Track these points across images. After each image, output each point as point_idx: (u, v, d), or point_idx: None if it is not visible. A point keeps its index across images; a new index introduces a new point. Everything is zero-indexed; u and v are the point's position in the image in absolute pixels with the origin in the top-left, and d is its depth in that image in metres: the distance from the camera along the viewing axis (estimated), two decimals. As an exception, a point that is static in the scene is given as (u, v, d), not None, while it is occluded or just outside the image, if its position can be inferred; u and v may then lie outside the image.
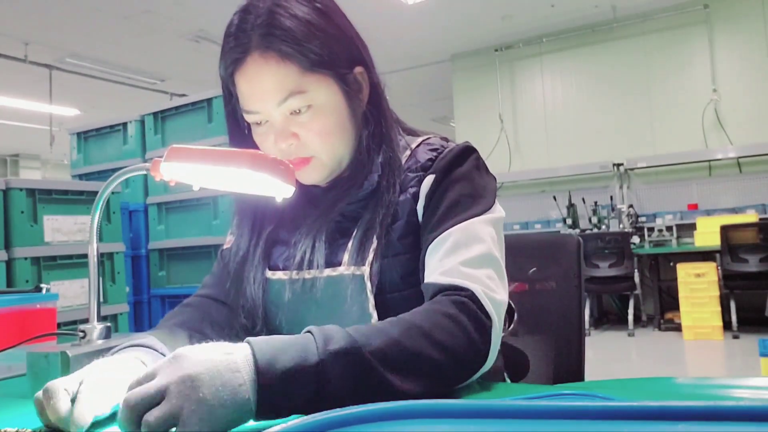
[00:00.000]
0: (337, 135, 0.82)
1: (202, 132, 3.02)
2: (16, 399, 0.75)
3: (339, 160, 0.85)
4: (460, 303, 0.69)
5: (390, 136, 0.87)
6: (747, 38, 5.90)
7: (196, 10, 5.65)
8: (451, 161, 0.83)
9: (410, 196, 0.83)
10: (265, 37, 0.77)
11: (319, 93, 0.79)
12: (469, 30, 6.68)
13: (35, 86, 7.15)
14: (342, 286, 0.81)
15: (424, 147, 0.87)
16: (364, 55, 0.86)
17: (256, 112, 0.80)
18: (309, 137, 0.81)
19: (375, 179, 0.84)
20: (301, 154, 0.82)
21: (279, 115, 0.80)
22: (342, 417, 0.47)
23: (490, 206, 0.81)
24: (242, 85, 0.80)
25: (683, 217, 5.95)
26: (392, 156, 0.85)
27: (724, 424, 0.42)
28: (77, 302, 2.49)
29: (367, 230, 0.82)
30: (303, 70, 0.78)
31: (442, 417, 0.49)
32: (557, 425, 0.46)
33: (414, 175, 0.84)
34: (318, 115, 0.80)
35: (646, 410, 0.44)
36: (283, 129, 0.80)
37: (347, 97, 0.83)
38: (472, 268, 0.73)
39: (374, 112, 0.86)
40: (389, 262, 0.80)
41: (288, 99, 0.78)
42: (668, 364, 4.37)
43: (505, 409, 0.48)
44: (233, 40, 0.79)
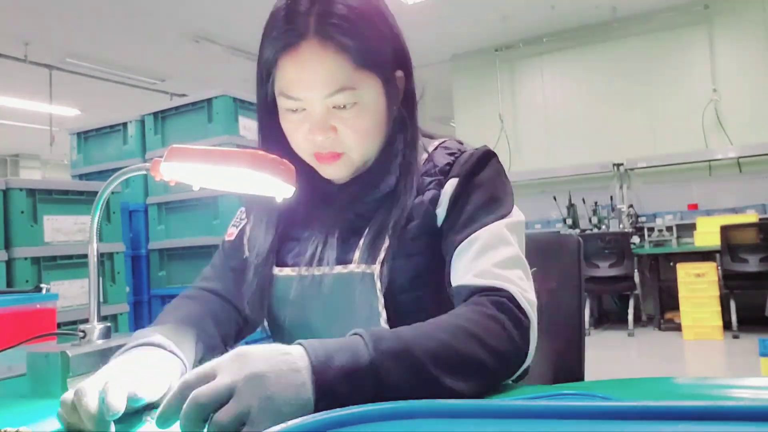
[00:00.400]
0: (373, 136, 0.82)
1: (202, 132, 3.02)
2: (16, 399, 0.75)
3: (366, 160, 0.85)
4: (500, 304, 0.70)
5: (415, 142, 0.87)
6: (747, 38, 5.90)
7: (196, 10, 5.65)
8: (474, 165, 0.83)
9: (427, 199, 0.82)
10: (325, 25, 0.74)
11: (366, 91, 0.78)
12: (469, 30, 6.68)
13: (35, 86, 7.15)
14: (352, 283, 0.81)
15: (442, 151, 0.87)
16: (406, 60, 0.86)
17: (298, 98, 0.78)
18: (347, 134, 0.79)
19: (392, 181, 0.84)
20: (334, 148, 0.80)
21: (321, 107, 0.78)
22: (342, 417, 0.47)
23: (511, 209, 0.82)
24: (290, 70, 0.77)
25: (683, 217, 5.95)
26: (412, 160, 0.85)
27: (724, 424, 0.42)
28: (77, 302, 2.49)
29: (380, 230, 0.81)
30: (356, 66, 0.76)
31: (442, 417, 0.49)
32: (557, 425, 0.46)
33: (432, 179, 0.84)
34: (361, 114, 0.79)
35: (646, 410, 0.44)
36: (323, 121, 0.78)
37: (388, 99, 0.82)
38: (504, 269, 0.74)
39: (404, 119, 0.86)
40: (401, 263, 0.80)
41: (338, 93, 0.76)
42: (668, 364, 4.37)
43: (505, 409, 0.48)
44: (284, 22, 0.76)
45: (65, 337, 0.84)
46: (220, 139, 2.93)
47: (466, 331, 0.65)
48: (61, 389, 0.73)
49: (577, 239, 1.12)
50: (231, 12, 5.72)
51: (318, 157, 0.82)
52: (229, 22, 5.98)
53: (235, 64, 7.16)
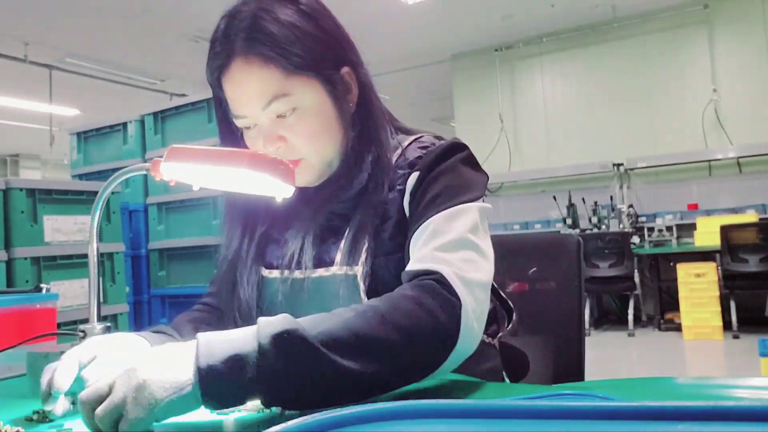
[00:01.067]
0: (325, 136, 0.82)
1: (202, 132, 3.02)
2: (16, 399, 0.75)
3: (328, 162, 0.85)
4: (425, 286, 0.67)
5: (379, 136, 0.86)
6: (747, 38, 5.90)
7: (196, 10, 5.65)
8: (436, 157, 0.82)
9: (398, 193, 0.83)
10: (248, 42, 0.77)
11: (303, 95, 0.79)
12: (469, 30, 6.68)
13: (35, 86, 7.15)
14: (334, 285, 0.81)
15: (415, 145, 0.87)
16: (350, 55, 0.85)
17: (243, 116, 0.81)
18: (296, 140, 0.81)
19: (365, 178, 0.84)
20: (289, 157, 0.81)
21: (265, 119, 0.80)
22: (342, 417, 0.47)
23: (476, 198, 0.79)
24: (228, 90, 0.81)
25: (683, 217, 5.94)
26: (380, 156, 0.84)
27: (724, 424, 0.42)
28: (77, 302, 2.49)
29: (359, 230, 0.81)
30: (286, 72, 0.77)
31: (442, 417, 0.49)
32: (557, 425, 0.46)
33: (402, 172, 0.84)
34: (304, 118, 0.80)
35: (646, 410, 0.44)
36: (270, 133, 0.80)
37: (333, 98, 0.82)
38: (446, 252, 0.72)
39: (363, 113, 0.86)
40: (381, 261, 0.80)
41: (272, 102, 0.78)
42: (668, 364, 4.37)
43: (505, 409, 0.48)
44: (219, 45, 0.80)
45: (65, 337, 0.84)
46: (220, 139, 2.93)
47: (374, 312, 0.63)
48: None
49: (577, 239, 1.12)
50: (231, 12, 5.72)
51: None
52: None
53: (235, 64, 7.16)
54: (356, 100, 0.86)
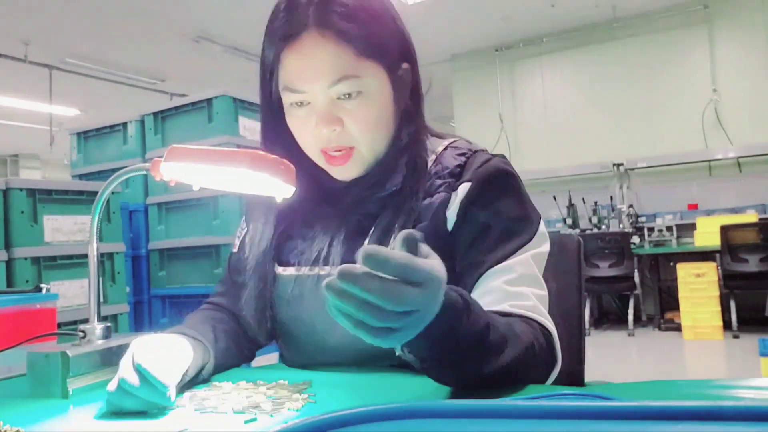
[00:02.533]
0: (381, 127, 0.80)
1: (202, 132, 3.01)
2: (16, 399, 0.75)
3: (376, 155, 0.82)
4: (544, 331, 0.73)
5: (420, 138, 0.84)
6: (747, 38, 5.90)
7: (196, 10, 5.65)
8: (491, 173, 0.80)
9: (437, 202, 0.79)
10: (326, 15, 0.73)
11: (370, 80, 0.77)
12: (469, 30, 6.68)
13: (35, 86, 7.15)
14: None
15: (452, 151, 0.84)
16: (412, 52, 0.84)
17: (301, 91, 0.76)
18: (353, 125, 0.77)
19: (399, 180, 0.81)
20: (341, 142, 0.78)
21: (325, 98, 0.76)
22: (342, 417, 0.47)
23: (536, 226, 0.80)
24: (291, 62, 0.76)
25: (683, 217, 5.94)
26: (418, 159, 0.82)
27: (724, 424, 0.42)
28: (77, 302, 2.49)
29: (386, 230, 0.79)
30: (359, 54, 0.75)
31: (442, 417, 0.49)
32: (557, 425, 0.46)
33: (442, 181, 0.81)
34: (366, 103, 0.77)
35: (646, 410, 0.44)
36: (328, 113, 0.76)
37: (395, 90, 0.80)
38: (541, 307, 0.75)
39: (414, 112, 0.84)
40: None
41: (341, 81, 0.75)
42: (668, 364, 4.37)
43: (505, 409, 0.48)
44: (286, 13, 0.75)
45: (65, 337, 0.84)
46: (220, 139, 2.93)
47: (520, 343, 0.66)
48: (61, 389, 0.73)
49: (577, 239, 1.12)
50: (231, 12, 5.72)
51: (327, 156, 0.80)
52: (229, 22, 5.98)
53: (235, 64, 7.15)
54: (408, 98, 0.84)
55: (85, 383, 0.75)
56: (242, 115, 3.05)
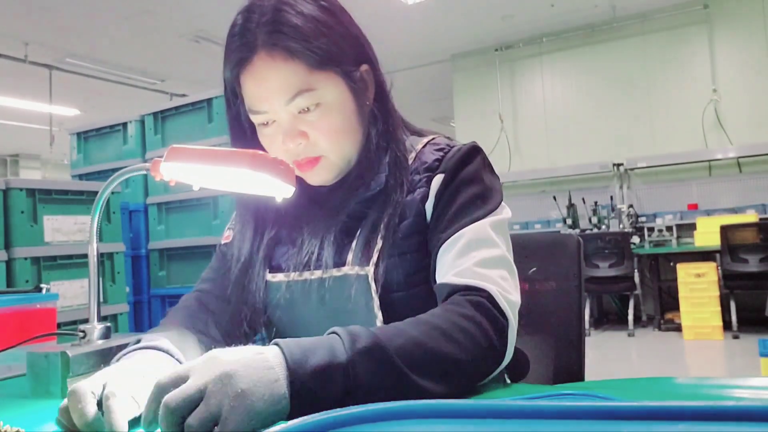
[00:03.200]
0: (346, 133, 0.81)
1: (202, 132, 3.02)
2: (16, 399, 0.75)
3: (348, 160, 0.84)
4: (477, 303, 0.70)
5: (397, 135, 0.86)
6: (747, 38, 5.90)
7: (196, 10, 5.65)
8: (459, 161, 0.82)
9: (418, 197, 0.82)
10: (272, 35, 0.76)
11: (327, 91, 0.78)
12: (469, 30, 6.67)
13: (35, 86, 7.15)
14: (346, 286, 0.80)
15: (430, 147, 0.86)
16: (369, 54, 0.85)
17: (263, 111, 0.79)
18: (317, 136, 0.79)
19: (383, 179, 0.83)
20: (309, 153, 0.80)
21: (287, 114, 0.78)
22: (342, 417, 0.47)
23: (497, 205, 0.81)
24: (249, 85, 0.79)
25: (683, 217, 5.94)
26: (399, 155, 0.84)
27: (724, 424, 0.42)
28: (77, 302, 2.49)
29: (372, 230, 0.81)
30: (311, 67, 0.76)
31: (442, 417, 0.49)
32: (557, 425, 0.46)
33: (421, 176, 0.83)
34: (326, 114, 0.79)
35: (646, 410, 0.44)
36: (291, 128, 0.79)
37: (355, 94, 0.82)
38: (486, 269, 0.74)
39: (381, 111, 0.86)
40: (394, 262, 0.79)
41: (296, 97, 0.77)
42: (668, 364, 4.37)
43: (505, 409, 0.48)
44: (238, 39, 0.78)
45: (65, 337, 0.84)
46: (220, 139, 2.93)
47: (440, 331, 0.65)
48: (61, 389, 0.73)
49: (577, 239, 1.12)
50: (231, 12, 5.68)
51: (297, 165, 0.81)
52: (229, 22, 5.96)
53: (235, 64, 7.15)
54: (372, 98, 0.85)
55: (85, 383, 0.75)
56: (242, 115, 3.05)
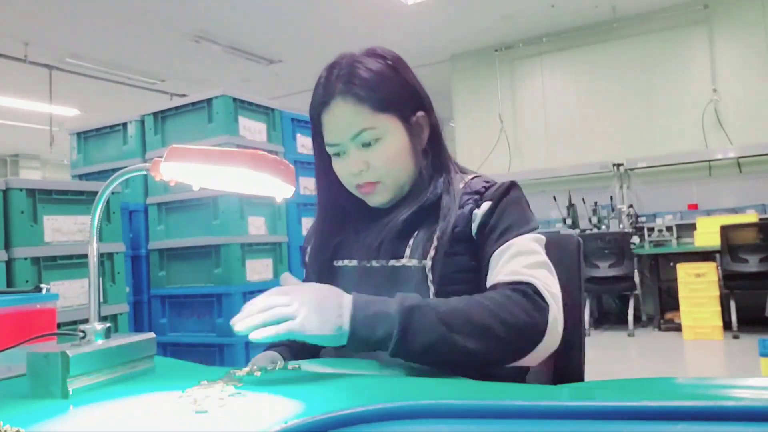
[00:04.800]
0: (400, 164, 1.01)
1: (202, 132, 3.01)
2: (16, 399, 0.75)
3: (401, 186, 1.03)
4: (520, 290, 0.86)
5: (448, 165, 1.05)
6: (747, 38, 5.90)
7: (196, 10, 5.65)
8: (503, 191, 1.00)
9: (467, 212, 0.99)
10: (346, 85, 0.97)
11: (386, 129, 0.98)
12: (469, 30, 6.67)
13: (35, 86, 7.15)
14: (405, 275, 0.97)
15: (478, 180, 1.04)
16: (425, 103, 1.04)
17: (335, 144, 0.99)
18: (377, 164, 0.99)
19: (438, 192, 1.01)
20: (369, 179, 1.00)
21: (353, 147, 0.99)
22: (342, 417, 0.47)
23: (537, 227, 0.99)
24: (327, 123, 1.00)
25: (683, 217, 5.94)
26: (450, 179, 1.03)
27: (724, 424, 0.42)
28: (77, 302, 2.49)
29: (428, 232, 0.98)
30: (374, 110, 0.97)
31: (442, 417, 0.49)
32: (557, 425, 0.46)
33: (469, 197, 1.00)
34: (385, 147, 0.99)
35: (646, 410, 0.44)
36: (356, 157, 0.99)
37: (409, 134, 1.01)
38: (530, 269, 0.90)
39: (434, 148, 1.05)
40: (447, 260, 0.96)
41: (361, 133, 0.97)
42: (668, 364, 4.37)
43: (505, 409, 0.48)
44: (321, 88, 1.00)
45: (65, 337, 0.84)
46: (220, 139, 2.92)
47: (480, 303, 0.83)
48: (61, 389, 0.73)
49: (577, 239, 1.12)
50: (231, 12, 5.72)
51: (359, 188, 1.01)
52: (229, 22, 5.98)
53: (235, 64, 7.16)
54: (427, 138, 1.05)
55: (85, 383, 0.75)
56: (242, 115, 3.04)
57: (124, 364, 0.82)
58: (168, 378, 0.82)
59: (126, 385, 0.78)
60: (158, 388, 0.75)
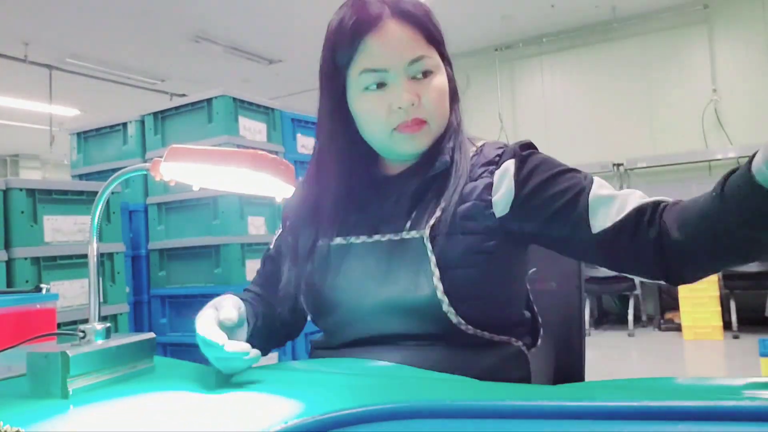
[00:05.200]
0: (445, 106, 0.92)
1: (202, 132, 3.01)
2: (16, 399, 0.75)
3: (441, 131, 0.92)
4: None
5: (462, 127, 0.96)
6: (747, 38, 5.90)
7: (196, 10, 5.65)
8: (523, 147, 0.92)
9: (481, 186, 0.88)
10: (400, 10, 0.87)
11: (437, 65, 0.90)
12: (469, 30, 6.67)
13: (35, 86, 7.15)
14: (404, 247, 0.87)
15: (490, 146, 0.94)
16: (450, 60, 0.97)
17: (383, 69, 0.86)
18: (427, 100, 0.88)
19: (447, 161, 0.90)
20: (419, 115, 0.88)
21: (404, 77, 0.87)
22: (342, 417, 0.47)
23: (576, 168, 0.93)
24: (374, 45, 0.86)
25: (683, 217, 5.93)
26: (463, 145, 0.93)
27: (724, 424, 0.42)
28: (77, 302, 2.49)
29: (433, 202, 0.88)
30: (428, 41, 0.88)
31: (442, 417, 0.49)
32: (557, 425, 0.46)
33: (483, 168, 0.90)
34: (436, 83, 0.89)
35: (646, 410, 0.44)
36: (409, 87, 0.87)
37: (450, 78, 0.94)
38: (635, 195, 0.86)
39: (455, 102, 0.96)
40: (453, 240, 0.85)
41: (419, 60, 0.87)
42: (668, 364, 4.37)
43: (505, 409, 0.48)
44: (368, 8, 0.87)
45: (65, 337, 0.84)
46: (220, 139, 2.92)
47: None
48: (61, 389, 0.73)
49: (577, 239, 1.11)
50: (231, 12, 5.72)
51: (402, 127, 0.88)
52: (229, 22, 5.98)
53: (235, 64, 7.16)
54: None
55: (85, 383, 0.75)
56: (242, 115, 3.04)
57: (124, 364, 0.82)
58: (168, 378, 0.82)
59: (126, 385, 0.78)
60: (158, 388, 0.75)
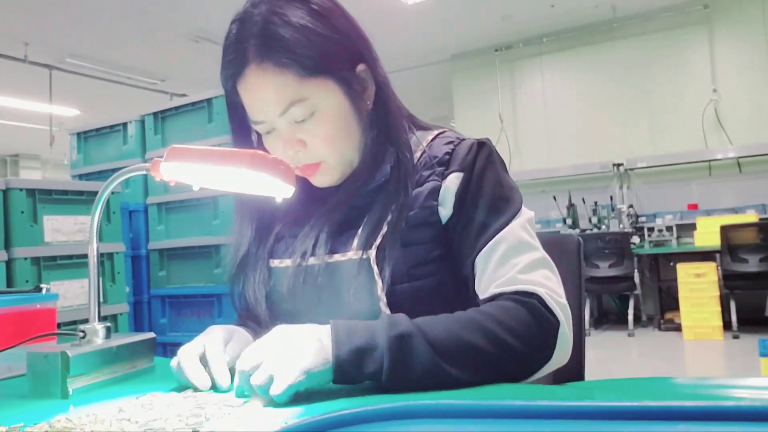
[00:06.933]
0: (343, 138, 0.82)
1: (202, 132, 3.01)
2: (16, 399, 0.75)
3: (348, 162, 0.84)
4: (525, 303, 0.71)
5: (398, 133, 0.85)
6: (747, 38, 5.90)
7: (196, 10, 5.65)
8: (475, 159, 0.82)
9: (426, 191, 0.82)
10: (261, 48, 0.76)
11: (320, 98, 0.78)
12: (469, 30, 6.67)
13: (35, 86, 7.15)
14: (349, 270, 0.80)
15: (439, 141, 0.86)
16: (365, 53, 0.84)
17: (261, 122, 0.80)
18: (315, 143, 0.80)
19: (387, 171, 0.83)
20: (308, 160, 0.82)
21: (283, 124, 0.79)
22: (342, 417, 0.47)
23: (521, 203, 0.82)
24: (245, 97, 0.80)
25: (683, 217, 5.94)
26: (401, 153, 0.84)
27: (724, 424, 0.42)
28: (77, 302, 2.49)
29: (378, 220, 0.81)
30: (301, 77, 0.76)
31: (442, 417, 0.49)
32: (557, 425, 0.46)
33: (430, 171, 0.83)
34: (322, 121, 0.79)
35: (646, 410, 0.44)
36: (288, 137, 0.80)
37: (350, 98, 0.81)
38: (528, 274, 0.75)
39: (380, 110, 0.85)
40: (399, 252, 0.79)
41: (290, 108, 0.77)
42: (668, 364, 4.37)
43: (506, 409, 0.48)
44: (231, 51, 0.79)
45: (65, 337, 0.84)
46: (220, 139, 2.92)
47: (476, 323, 0.68)
48: (61, 389, 0.73)
49: (577, 239, 1.12)
50: (231, 12, 5.69)
51: (299, 170, 0.83)
52: (229, 22, 5.97)
53: (235, 64, 7.14)
54: (373, 97, 0.85)
55: (85, 383, 0.75)
56: (242, 115, 3.04)
57: (124, 364, 0.82)
58: (168, 378, 0.82)
59: (126, 385, 0.78)
60: (158, 388, 0.75)
